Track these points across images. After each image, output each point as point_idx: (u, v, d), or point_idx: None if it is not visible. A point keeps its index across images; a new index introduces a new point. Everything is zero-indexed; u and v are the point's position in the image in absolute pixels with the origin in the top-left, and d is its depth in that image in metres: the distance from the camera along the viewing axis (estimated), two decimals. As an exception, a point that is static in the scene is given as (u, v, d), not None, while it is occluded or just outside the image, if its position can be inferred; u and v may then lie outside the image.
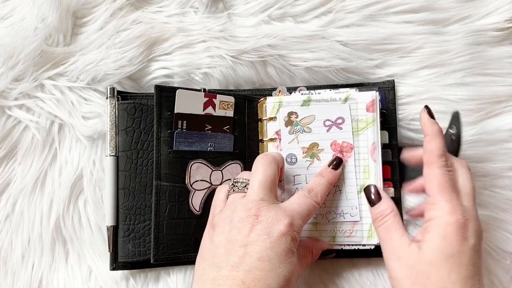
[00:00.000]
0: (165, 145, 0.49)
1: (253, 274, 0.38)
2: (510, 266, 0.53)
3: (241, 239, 0.39)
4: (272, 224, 0.40)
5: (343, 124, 0.49)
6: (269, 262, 0.38)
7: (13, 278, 0.52)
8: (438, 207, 0.40)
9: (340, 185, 0.49)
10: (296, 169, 0.50)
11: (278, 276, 0.38)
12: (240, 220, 0.40)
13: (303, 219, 0.42)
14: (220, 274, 0.39)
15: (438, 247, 0.39)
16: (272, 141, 0.51)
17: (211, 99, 0.50)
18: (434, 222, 0.40)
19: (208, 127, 0.50)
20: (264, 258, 0.38)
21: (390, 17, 0.54)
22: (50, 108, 0.53)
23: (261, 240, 0.39)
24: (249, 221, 0.40)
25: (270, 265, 0.38)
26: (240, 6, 0.55)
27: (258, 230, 0.39)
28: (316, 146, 0.50)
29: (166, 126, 0.49)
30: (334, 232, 0.49)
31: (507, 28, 0.54)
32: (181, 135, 0.49)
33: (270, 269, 0.38)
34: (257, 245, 0.39)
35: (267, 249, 0.39)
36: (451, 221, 0.39)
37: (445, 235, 0.39)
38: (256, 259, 0.38)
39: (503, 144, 0.54)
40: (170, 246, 0.48)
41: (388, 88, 0.53)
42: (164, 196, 0.48)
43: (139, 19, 0.54)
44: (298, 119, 0.50)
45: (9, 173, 0.53)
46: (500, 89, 0.54)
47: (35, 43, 0.52)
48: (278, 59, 0.54)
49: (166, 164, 0.49)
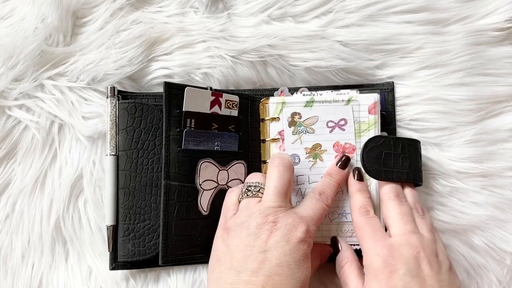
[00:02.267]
0: (174, 143, 0.48)
1: (273, 280, 0.39)
2: (510, 266, 0.53)
3: (260, 245, 0.40)
4: (290, 230, 0.41)
5: (345, 126, 0.50)
6: (288, 268, 0.39)
7: (13, 278, 0.52)
8: (364, 252, 0.43)
9: (342, 186, 0.49)
10: (299, 170, 0.50)
11: (296, 281, 0.39)
12: (258, 226, 0.41)
13: (316, 224, 0.43)
14: (239, 278, 0.39)
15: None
16: (274, 141, 0.51)
17: (217, 97, 0.50)
18: (365, 265, 0.43)
19: (214, 126, 0.50)
20: (283, 264, 0.39)
21: (390, 17, 0.55)
22: (50, 108, 0.53)
23: (280, 247, 0.40)
24: (267, 228, 0.41)
25: (289, 271, 0.39)
26: (240, 6, 0.55)
27: (277, 237, 0.40)
28: (319, 147, 0.50)
29: (175, 125, 0.48)
30: (336, 232, 0.49)
31: (507, 28, 0.54)
32: (190, 133, 0.48)
33: (288, 275, 0.39)
34: (276, 251, 0.40)
35: (286, 255, 0.40)
36: (373, 259, 0.42)
37: (373, 278, 0.41)
38: (275, 265, 0.39)
39: (503, 144, 0.54)
40: (178, 247, 0.47)
41: (388, 89, 0.53)
42: (173, 196, 0.47)
43: (139, 19, 0.54)
44: (302, 120, 0.50)
45: (9, 173, 0.53)
46: (500, 89, 0.54)
47: (35, 43, 0.52)
48: (278, 59, 0.54)
49: (175, 163, 0.48)
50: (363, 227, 0.45)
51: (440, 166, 0.53)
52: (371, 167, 0.47)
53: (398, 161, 0.48)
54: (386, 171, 0.47)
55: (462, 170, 0.53)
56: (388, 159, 0.47)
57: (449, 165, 0.53)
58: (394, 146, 0.48)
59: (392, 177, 0.47)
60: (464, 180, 0.53)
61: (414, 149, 0.49)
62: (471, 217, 0.53)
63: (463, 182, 0.53)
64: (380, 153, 0.48)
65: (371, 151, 0.48)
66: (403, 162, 0.48)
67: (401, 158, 0.48)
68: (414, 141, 0.50)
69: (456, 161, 0.53)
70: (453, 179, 0.53)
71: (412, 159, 0.49)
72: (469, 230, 0.53)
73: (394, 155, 0.48)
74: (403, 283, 0.40)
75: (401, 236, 0.43)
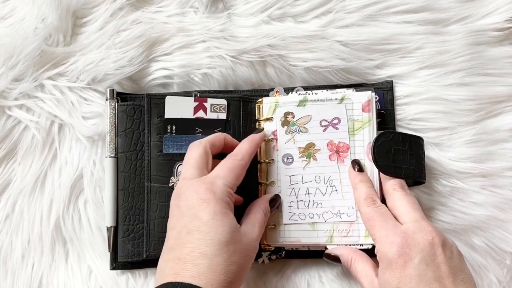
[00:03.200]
0: (155, 148, 0.50)
1: (186, 248, 0.39)
2: (510, 266, 0.53)
3: (173, 223, 0.42)
4: (191, 196, 0.41)
5: (339, 125, 0.50)
6: (198, 231, 0.39)
7: (13, 278, 0.52)
8: (377, 241, 0.43)
9: (336, 185, 0.49)
10: (292, 169, 0.50)
11: (211, 241, 0.39)
12: (172, 207, 0.43)
13: (226, 177, 0.43)
14: (162, 260, 0.41)
15: (384, 282, 0.41)
16: (269, 141, 0.51)
17: (201, 103, 0.51)
18: (377, 257, 0.42)
19: (198, 130, 0.51)
20: (192, 229, 0.39)
21: (390, 17, 0.54)
22: (50, 108, 0.53)
23: (187, 216, 0.40)
24: (176, 204, 0.42)
25: (199, 234, 0.39)
26: (240, 6, 0.55)
27: (183, 208, 0.41)
28: (313, 146, 0.50)
29: (155, 131, 0.50)
30: (331, 232, 0.49)
31: (507, 28, 0.54)
32: (170, 139, 0.50)
33: (199, 237, 0.39)
34: (184, 220, 0.40)
35: (192, 220, 0.40)
36: (387, 248, 0.41)
37: (386, 267, 0.41)
38: (185, 234, 0.40)
39: (503, 144, 0.54)
40: (161, 242, 0.47)
41: (387, 88, 0.53)
42: (154, 196, 0.49)
43: (139, 19, 0.54)
44: (295, 119, 0.50)
45: (9, 173, 0.53)
46: (500, 89, 0.54)
47: (35, 43, 0.52)
48: (278, 59, 0.54)
49: (155, 166, 0.50)
50: (372, 217, 0.44)
51: (440, 166, 0.53)
52: (381, 161, 0.47)
53: (406, 157, 0.48)
54: (395, 167, 0.47)
55: (462, 170, 0.53)
56: (397, 155, 0.47)
57: (449, 165, 0.53)
58: (402, 142, 0.48)
59: (401, 173, 0.47)
60: (464, 180, 0.53)
61: (419, 146, 0.49)
62: (471, 217, 0.53)
63: (463, 182, 0.53)
64: (390, 149, 0.47)
65: (382, 145, 0.47)
66: (411, 158, 0.48)
67: (409, 155, 0.48)
68: (419, 138, 0.50)
69: (456, 161, 0.53)
70: (453, 179, 0.53)
71: (418, 156, 0.49)
72: (469, 230, 0.53)
73: (403, 151, 0.48)
74: (418, 272, 0.39)
75: (414, 223, 0.42)
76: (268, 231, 0.50)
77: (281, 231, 0.50)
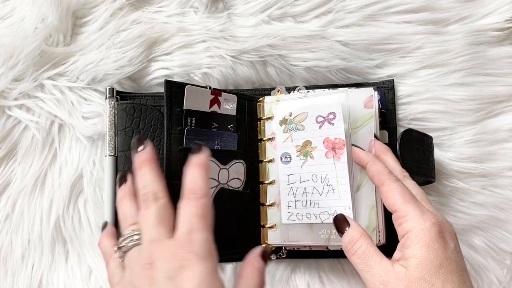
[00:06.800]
0: (176, 142, 0.46)
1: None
2: (510, 266, 0.53)
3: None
4: (169, 263, 0.34)
5: (334, 120, 0.48)
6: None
7: (13, 278, 0.52)
8: (409, 218, 0.38)
9: (333, 184, 0.48)
10: (290, 168, 0.50)
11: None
12: (137, 274, 0.35)
13: (203, 229, 0.37)
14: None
15: (425, 260, 0.37)
16: (270, 140, 0.51)
17: (216, 96, 0.49)
18: (412, 234, 0.38)
19: (214, 125, 0.49)
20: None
21: (390, 17, 0.54)
22: (50, 108, 0.53)
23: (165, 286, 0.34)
24: (148, 274, 0.34)
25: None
26: (240, 6, 0.55)
27: (158, 278, 0.34)
28: (309, 144, 0.49)
29: (176, 123, 0.46)
30: (329, 233, 0.48)
31: (507, 28, 0.54)
32: (192, 132, 0.47)
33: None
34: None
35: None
36: (428, 227, 0.37)
37: (428, 245, 0.37)
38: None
39: (503, 144, 0.54)
40: None
41: (388, 87, 0.53)
42: (175, 194, 0.45)
43: (139, 19, 0.54)
44: (292, 117, 0.50)
45: (9, 173, 0.53)
46: (500, 89, 0.54)
47: (35, 43, 0.52)
48: (278, 59, 0.54)
49: (177, 162, 0.46)
50: (406, 193, 0.40)
51: (441, 166, 0.53)
52: (407, 160, 0.47)
53: (424, 156, 0.48)
54: (418, 167, 0.47)
55: (462, 170, 0.53)
56: (418, 154, 0.48)
57: (449, 165, 0.53)
58: (421, 141, 0.48)
59: (421, 173, 0.47)
60: (465, 180, 0.53)
61: (431, 145, 0.50)
62: (471, 217, 0.53)
63: (463, 182, 0.53)
64: (411, 147, 0.47)
65: (406, 144, 0.47)
66: (428, 157, 0.48)
67: (426, 154, 0.48)
68: (431, 138, 0.50)
69: (456, 161, 0.53)
70: (454, 179, 0.53)
71: (432, 155, 0.49)
72: (469, 230, 0.53)
73: (421, 151, 0.48)
74: (455, 257, 0.38)
75: (436, 212, 0.40)
76: (268, 231, 0.50)
77: (281, 231, 0.50)
